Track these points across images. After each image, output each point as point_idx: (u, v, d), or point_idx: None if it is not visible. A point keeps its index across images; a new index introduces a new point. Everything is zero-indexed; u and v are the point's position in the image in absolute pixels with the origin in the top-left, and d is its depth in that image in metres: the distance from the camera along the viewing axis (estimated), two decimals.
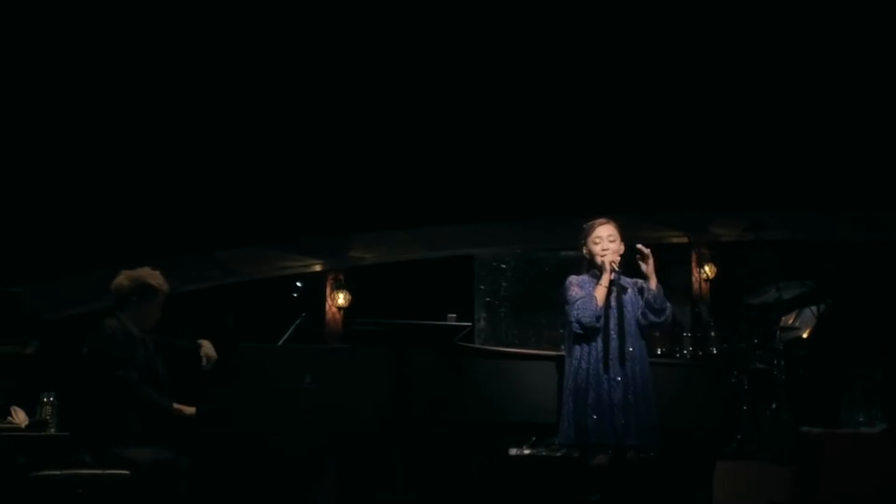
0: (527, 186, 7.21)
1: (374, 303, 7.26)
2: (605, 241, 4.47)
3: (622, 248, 4.49)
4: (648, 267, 4.38)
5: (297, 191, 7.21)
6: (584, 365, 4.38)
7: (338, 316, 7.85)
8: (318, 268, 7.91)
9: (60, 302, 6.64)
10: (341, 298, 7.83)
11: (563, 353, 4.71)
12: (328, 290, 7.87)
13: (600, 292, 4.39)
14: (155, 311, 4.43)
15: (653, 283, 4.40)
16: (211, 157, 7.04)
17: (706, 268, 7.75)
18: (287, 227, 7.36)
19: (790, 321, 6.10)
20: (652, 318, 4.42)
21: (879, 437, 4.68)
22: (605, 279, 4.40)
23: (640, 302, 4.49)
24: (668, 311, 4.47)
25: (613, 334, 4.37)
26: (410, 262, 7.92)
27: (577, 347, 4.44)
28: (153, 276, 4.43)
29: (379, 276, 7.84)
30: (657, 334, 6.09)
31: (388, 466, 5.39)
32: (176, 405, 4.37)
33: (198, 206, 7.06)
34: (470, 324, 4.96)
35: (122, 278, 4.40)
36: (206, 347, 4.46)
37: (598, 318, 4.36)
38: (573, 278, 4.55)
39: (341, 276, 7.92)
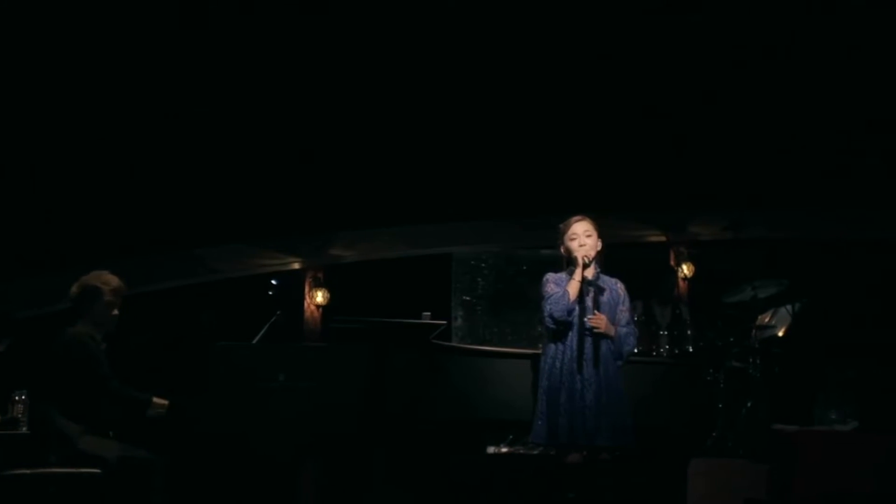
0: (507, 185, 7.21)
1: (354, 301, 7.23)
2: (582, 236, 4.49)
3: (599, 245, 4.52)
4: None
5: (277, 188, 7.18)
6: (557, 364, 4.40)
7: (317, 314, 7.82)
8: (297, 265, 7.88)
9: (33, 300, 6.58)
10: (320, 296, 7.80)
11: (539, 351, 4.72)
12: (307, 288, 7.84)
13: (573, 287, 4.41)
14: (108, 311, 4.43)
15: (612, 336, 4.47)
16: (190, 154, 7.00)
17: (684, 266, 7.76)
18: (266, 224, 7.33)
19: (766, 319, 6.13)
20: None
21: (851, 435, 4.71)
22: (578, 273, 4.41)
23: (620, 304, 4.52)
24: (626, 351, 4.52)
25: (588, 334, 4.38)
26: (390, 261, 7.90)
27: (552, 346, 4.46)
28: (96, 278, 4.45)
29: (358, 274, 7.82)
30: None
31: (368, 465, 5.38)
32: (155, 398, 4.37)
33: (176, 203, 7.01)
34: (445, 322, 4.97)
35: (73, 286, 4.44)
36: (157, 405, 4.40)
37: (569, 313, 4.38)
38: (550, 275, 4.57)
39: (320, 275, 7.89)
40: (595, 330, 4.37)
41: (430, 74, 7.04)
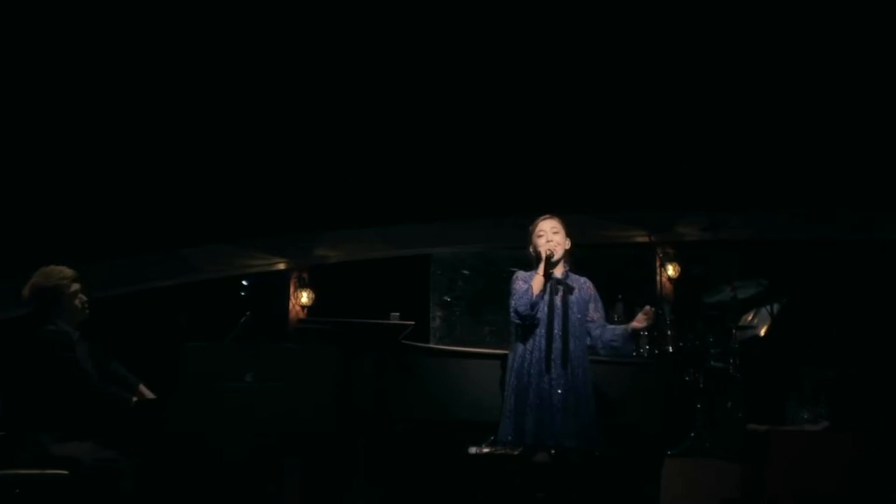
0: (490, 185, 7.21)
1: (338, 301, 7.23)
2: (549, 233, 4.50)
3: (568, 243, 4.53)
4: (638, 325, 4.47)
5: (262, 189, 7.18)
6: (526, 364, 4.39)
7: (301, 314, 7.83)
8: (282, 266, 7.89)
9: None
10: (305, 297, 7.81)
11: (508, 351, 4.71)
12: (292, 289, 7.85)
13: (537, 281, 4.41)
14: (71, 303, 4.23)
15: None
16: (174, 154, 7.01)
17: (669, 267, 7.74)
18: (251, 225, 7.33)
19: (749, 319, 6.11)
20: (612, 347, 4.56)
21: (822, 434, 4.71)
22: (542, 268, 4.41)
23: (591, 302, 4.51)
24: (607, 340, 4.54)
25: (557, 334, 4.38)
26: (376, 261, 7.90)
27: (521, 346, 4.45)
28: (48, 276, 4.23)
29: (343, 274, 7.83)
30: None
31: (351, 467, 5.39)
32: (141, 386, 4.35)
33: (161, 203, 7.02)
34: (413, 322, 4.97)
35: (25, 290, 4.23)
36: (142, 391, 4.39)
37: (532, 307, 4.37)
38: (520, 273, 4.59)
39: (305, 275, 7.90)
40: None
41: (412, 76, 7.04)
